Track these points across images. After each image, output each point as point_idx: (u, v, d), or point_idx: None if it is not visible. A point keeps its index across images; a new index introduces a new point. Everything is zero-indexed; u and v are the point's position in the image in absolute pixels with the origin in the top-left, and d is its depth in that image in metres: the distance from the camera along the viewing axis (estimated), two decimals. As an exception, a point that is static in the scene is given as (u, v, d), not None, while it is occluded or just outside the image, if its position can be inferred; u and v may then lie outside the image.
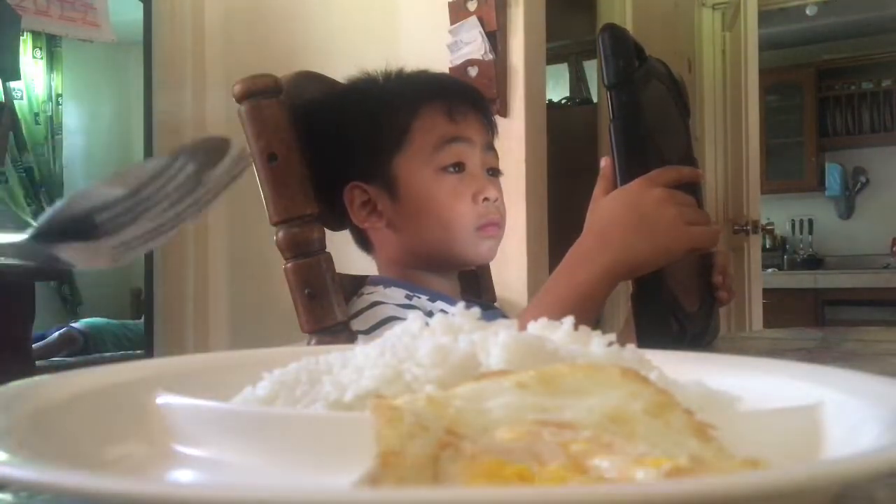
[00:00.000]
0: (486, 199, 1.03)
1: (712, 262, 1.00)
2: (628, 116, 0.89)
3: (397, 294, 1.01)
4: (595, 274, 0.87)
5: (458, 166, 1.03)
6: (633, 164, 0.89)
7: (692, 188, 0.93)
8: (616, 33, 0.91)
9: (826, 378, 0.38)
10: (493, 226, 1.05)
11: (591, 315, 0.88)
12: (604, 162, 0.93)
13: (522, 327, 0.40)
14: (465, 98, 1.08)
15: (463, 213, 1.03)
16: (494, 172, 1.08)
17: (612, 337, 0.39)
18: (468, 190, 1.03)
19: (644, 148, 0.91)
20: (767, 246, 5.54)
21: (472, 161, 1.04)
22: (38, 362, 2.98)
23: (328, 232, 1.04)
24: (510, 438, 0.25)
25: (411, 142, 1.03)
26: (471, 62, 2.20)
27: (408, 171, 1.03)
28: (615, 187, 0.90)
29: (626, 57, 0.90)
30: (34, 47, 4.54)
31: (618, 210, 0.88)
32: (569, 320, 0.40)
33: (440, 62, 2.15)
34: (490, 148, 1.08)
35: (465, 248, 1.04)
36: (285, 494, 0.19)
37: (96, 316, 4.43)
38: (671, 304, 0.89)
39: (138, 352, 3.59)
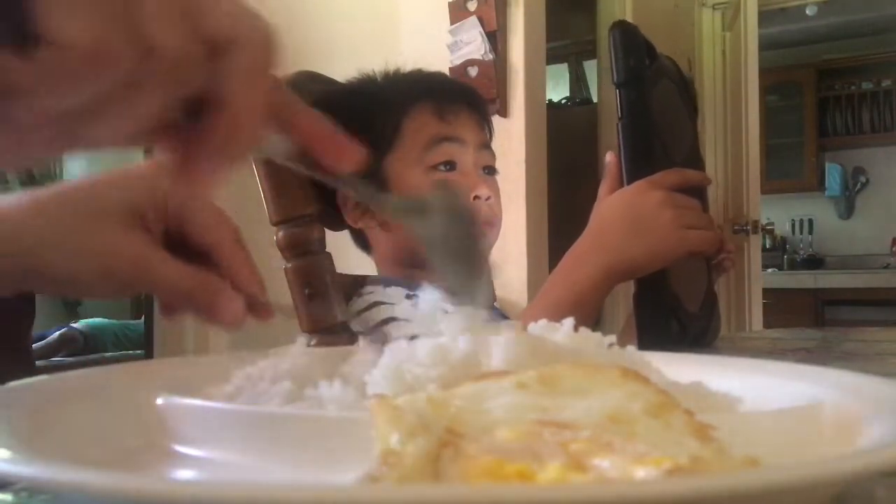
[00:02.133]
0: (476, 197, 1.03)
1: (717, 262, 0.99)
2: (636, 115, 0.88)
3: (397, 294, 1.01)
4: (591, 275, 0.87)
5: (449, 165, 1.03)
6: (639, 164, 0.89)
7: (698, 191, 0.92)
8: (627, 31, 0.90)
9: (826, 379, 0.38)
10: (485, 224, 1.04)
11: (589, 315, 0.88)
12: (609, 157, 0.92)
13: (522, 328, 0.40)
14: (457, 97, 1.08)
15: None
16: (490, 171, 1.08)
17: (613, 338, 0.39)
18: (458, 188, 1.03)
19: (651, 147, 0.90)
20: (767, 246, 5.53)
21: (464, 160, 1.04)
22: (38, 362, 2.97)
23: (328, 232, 1.04)
24: (510, 438, 0.25)
25: (402, 141, 1.04)
26: (471, 62, 2.20)
27: (398, 171, 1.03)
28: (620, 185, 0.90)
29: (637, 55, 0.89)
30: (34, 47, 4.53)
31: (616, 212, 0.88)
32: (569, 321, 0.40)
33: (440, 62, 2.14)
34: (485, 147, 1.08)
35: None
36: (286, 493, 0.19)
37: (96, 316, 4.42)
38: (673, 305, 0.88)
39: (138, 352, 3.59)
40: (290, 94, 0.38)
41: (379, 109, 1.05)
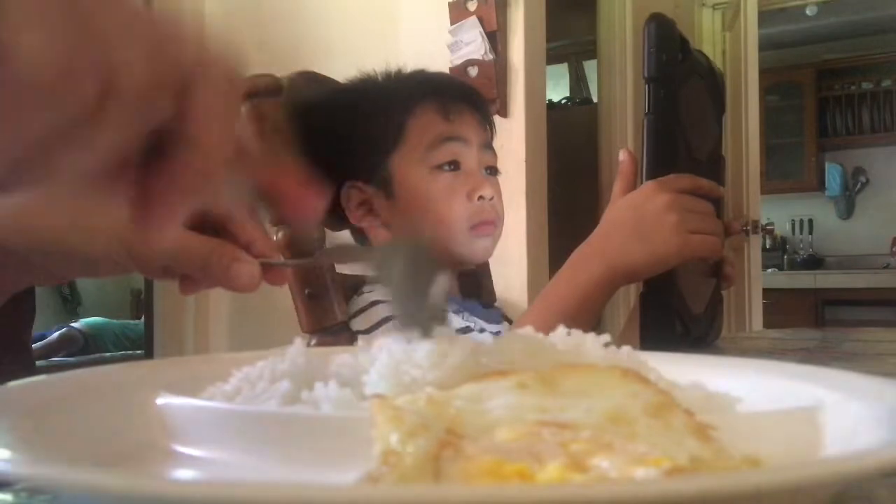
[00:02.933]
0: (480, 197, 1.03)
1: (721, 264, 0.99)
2: (663, 112, 0.87)
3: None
4: (593, 277, 0.87)
5: (453, 165, 1.03)
6: (661, 161, 0.87)
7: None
8: (662, 25, 0.88)
9: (825, 379, 0.38)
10: (488, 224, 1.05)
11: (591, 316, 0.87)
12: (622, 155, 0.91)
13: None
14: (461, 97, 1.08)
15: (457, 212, 1.02)
16: (492, 171, 1.08)
17: (607, 337, 0.39)
18: (463, 188, 1.03)
19: (674, 146, 0.88)
20: (767, 246, 5.53)
21: (468, 160, 1.04)
22: (38, 362, 2.97)
23: (328, 232, 1.04)
24: (510, 438, 0.25)
25: (406, 141, 1.04)
26: (471, 62, 2.20)
27: (403, 170, 1.03)
28: (634, 184, 0.89)
29: (670, 50, 0.87)
30: (34, 47, 4.52)
31: (622, 214, 0.88)
32: (561, 329, 0.40)
33: (440, 62, 2.14)
34: (487, 147, 1.08)
35: (459, 246, 1.04)
36: (287, 492, 0.19)
37: (96, 316, 4.42)
38: (679, 306, 0.88)
39: (138, 352, 3.59)
40: (252, 137, 0.37)
41: (384, 108, 1.05)
